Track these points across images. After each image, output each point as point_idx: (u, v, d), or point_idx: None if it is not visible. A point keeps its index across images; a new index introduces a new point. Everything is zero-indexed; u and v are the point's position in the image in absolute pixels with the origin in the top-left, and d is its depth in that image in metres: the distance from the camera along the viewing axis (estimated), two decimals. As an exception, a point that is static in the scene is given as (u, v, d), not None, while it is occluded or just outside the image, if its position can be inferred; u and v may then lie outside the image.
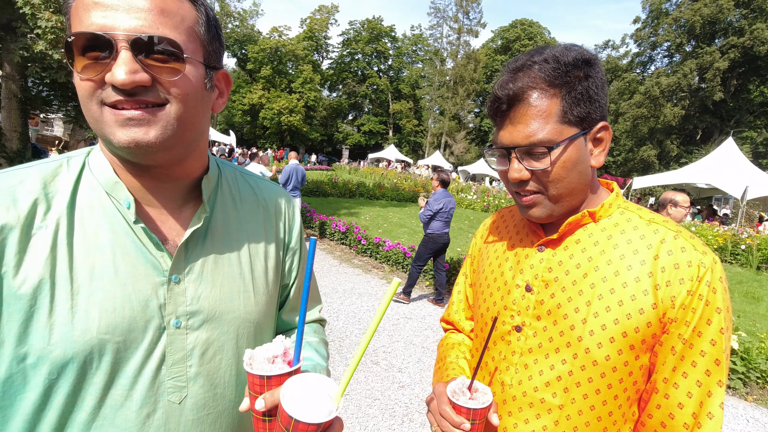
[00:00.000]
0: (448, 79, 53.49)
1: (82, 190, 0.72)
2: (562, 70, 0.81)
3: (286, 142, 48.08)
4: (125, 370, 0.69)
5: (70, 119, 13.55)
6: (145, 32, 0.62)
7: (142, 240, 0.72)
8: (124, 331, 0.68)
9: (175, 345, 0.73)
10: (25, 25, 9.38)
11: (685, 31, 38.37)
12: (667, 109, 36.90)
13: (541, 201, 0.88)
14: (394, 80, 58.78)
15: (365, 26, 56.83)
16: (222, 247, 0.82)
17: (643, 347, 0.82)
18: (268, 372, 0.67)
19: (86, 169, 0.74)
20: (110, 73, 0.62)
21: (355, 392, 3.71)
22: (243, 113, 47.96)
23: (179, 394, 0.74)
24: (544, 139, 0.81)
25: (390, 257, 7.90)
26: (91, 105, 0.65)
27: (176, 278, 0.74)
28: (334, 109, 55.96)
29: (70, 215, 0.69)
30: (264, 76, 47.54)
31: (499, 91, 0.85)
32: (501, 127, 0.88)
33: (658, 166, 37.68)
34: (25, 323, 0.63)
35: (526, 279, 0.94)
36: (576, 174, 0.86)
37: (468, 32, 54.06)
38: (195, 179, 0.82)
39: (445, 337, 1.25)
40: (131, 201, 0.71)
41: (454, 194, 20.55)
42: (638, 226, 0.88)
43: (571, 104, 0.81)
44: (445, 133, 52.57)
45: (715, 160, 16.64)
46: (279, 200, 0.98)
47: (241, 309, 0.82)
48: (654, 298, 0.80)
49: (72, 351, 0.64)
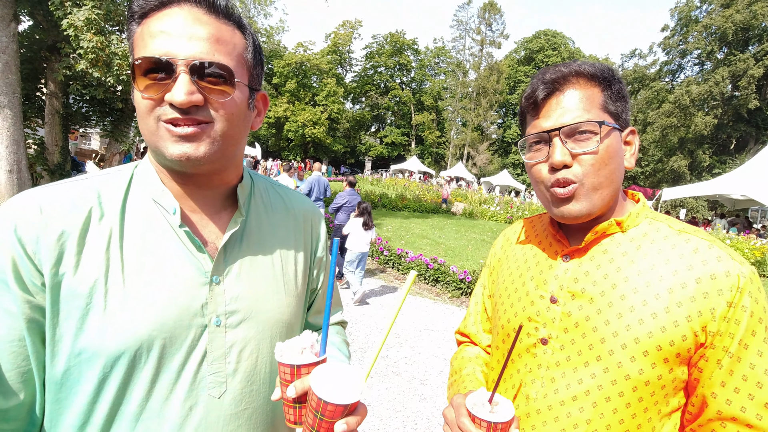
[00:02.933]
0: (470, 91, 53.44)
1: (131, 199, 0.79)
2: (600, 68, 0.87)
3: (309, 153, 48.82)
4: (170, 365, 0.74)
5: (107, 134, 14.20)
6: (203, 59, 0.71)
7: (185, 243, 0.79)
8: (171, 328, 0.74)
9: (216, 342, 0.79)
10: (68, 46, 9.96)
11: (716, 38, 37.27)
12: (698, 118, 35.75)
13: (581, 192, 0.85)
14: (416, 92, 59.03)
15: (388, 40, 57.49)
16: (256, 250, 0.88)
17: (677, 361, 0.79)
18: (298, 361, 0.72)
19: (134, 180, 0.82)
20: (170, 93, 0.69)
21: (377, 404, 3.72)
22: (268, 126, 48.98)
23: (219, 389, 0.79)
24: (592, 119, 0.84)
25: (412, 268, 7.90)
26: (149, 120, 0.72)
27: (217, 279, 0.80)
28: (357, 121, 56.53)
29: (122, 221, 0.76)
30: (289, 89, 48.59)
31: (539, 80, 0.88)
32: (538, 115, 0.89)
33: (689, 176, 36.43)
34: (82, 320, 0.69)
35: (550, 290, 0.92)
36: (615, 166, 0.86)
37: (491, 44, 54.08)
38: (231, 187, 0.89)
39: (459, 351, 1.20)
40: (177, 207, 0.78)
41: (476, 206, 20.58)
42: (668, 236, 0.86)
43: (610, 97, 0.86)
44: (467, 144, 52.36)
45: (752, 170, 15.97)
46: (307, 211, 1.05)
47: (275, 309, 0.88)
48: (688, 311, 0.78)
49: (124, 346, 0.70)
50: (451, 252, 10.18)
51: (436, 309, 6.45)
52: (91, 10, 8.75)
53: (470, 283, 7.11)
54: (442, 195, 19.37)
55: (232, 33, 0.76)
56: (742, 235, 15.62)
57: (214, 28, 0.73)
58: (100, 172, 0.82)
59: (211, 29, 0.73)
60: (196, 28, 0.71)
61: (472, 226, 15.97)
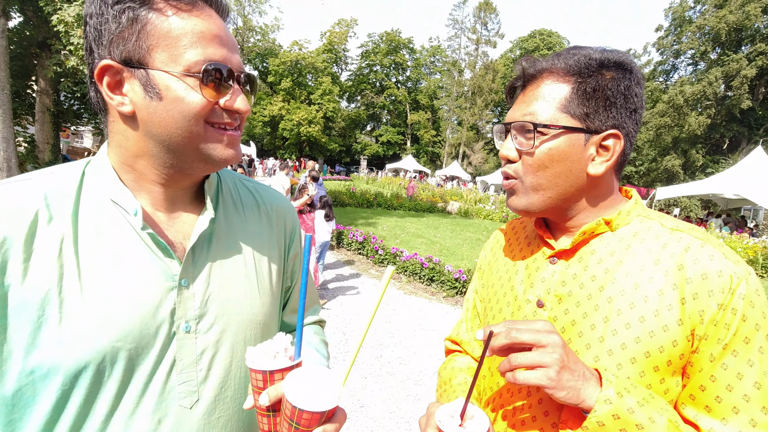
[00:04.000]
0: (466, 90, 53.51)
1: (85, 199, 0.73)
2: (584, 62, 0.79)
3: (305, 152, 48.68)
4: (137, 377, 0.70)
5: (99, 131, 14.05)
6: (242, 69, 0.75)
7: (150, 246, 0.74)
8: (136, 338, 0.69)
9: (185, 349, 0.74)
10: (59, 42, 9.84)
11: (709, 38, 37.52)
12: (691, 117, 35.98)
13: (519, 189, 0.86)
14: (412, 91, 59.02)
15: (383, 38, 57.40)
16: (227, 249, 0.84)
17: (669, 369, 0.73)
18: (270, 367, 0.68)
19: (88, 177, 0.76)
20: (231, 100, 0.73)
21: (371, 404, 3.68)
22: (263, 125, 48.82)
23: (190, 398, 0.75)
24: (537, 119, 0.80)
25: (407, 267, 7.86)
26: (198, 124, 0.71)
27: (185, 282, 0.76)
28: (352, 120, 56.44)
29: (75, 224, 0.70)
30: (284, 88, 48.38)
31: (519, 68, 0.87)
32: (510, 104, 0.88)
33: (682, 176, 36.66)
34: (34, 334, 0.63)
35: (537, 294, 0.88)
36: (562, 170, 0.81)
37: (486, 43, 54.14)
38: (198, 184, 0.85)
39: (448, 360, 1.13)
40: (138, 208, 0.73)
41: (472, 205, 20.67)
42: (660, 235, 0.81)
43: (579, 96, 0.79)
44: (463, 144, 52.42)
45: (744, 170, 16.09)
46: (279, 207, 1.01)
47: (249, 310, 0.84)
48: (680, 314, 0.72)
49: (85, 360, 0.65)
50: (446, 251, 10.16)
51: (430, 308, 6.42)
52: (82, 6, 8.62)
53: (465, 283, 7.08)
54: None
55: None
56: (735, 233, 15.73)
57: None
58: (45, 171, 0.75)
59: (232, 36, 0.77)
60: (230, 36, 0.75)
61: (468, 225, 15.97)
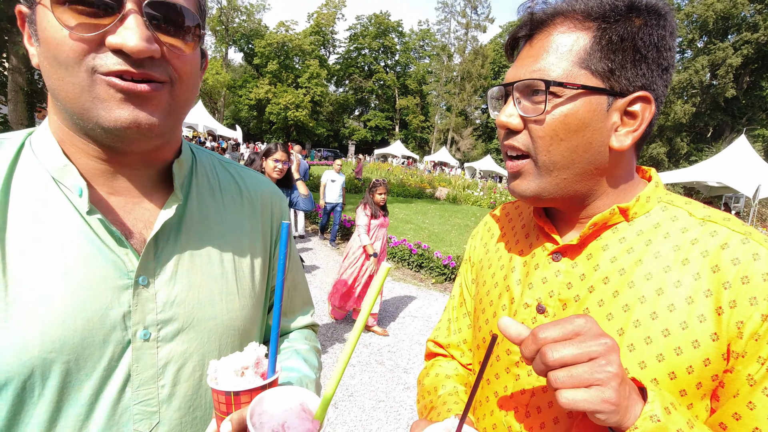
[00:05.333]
0: (455, 75, 53.20)
1: (19, 177, 0.60)
2: (608, 3, 0.63)
3: (292, 137, 47.99)
4: (78, 396, 0.57)
5: (76, 112, 13.56)
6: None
7: (99, 235, 0.61)
8: (76, 348, 0.56)
9: (143, 361, 0.62)
10: (30, 17, 9.34)
11: (697, 26, 37.71)
12: (677, 106, 36.32)
13: (529, 170, 0.69)
14: (400, 76, 58.42)
15: (372, 21, 56.42)
16: (199, 242, 0.71)
17: (698, 393, 0.60)
18: (235, 387, 0.56)
19: (26, 151, 0.62)
20: (117, 36, 0.52)
21: (360, 393, 3.61)
22: (249, 108, 47.88)
23: (149, 421, 0.62)
24: (549, 76, 0.63)
25: (396, 254, 7.78)
26: (78, 72, 0.53)
27: (144, 280, 0.63)
28: (340, 105, 55.72)
29: (3, 207, 0.57)
30: (270, 71, 47.36)
31: (524, 12, 0.69)
32: (512, 61, 0.71)
33: (667, 164, 37.18)
34: None
35: (537, 296, 0.74)
36: (581, 142, 0.65)
37: (476, 27, 53.64)
38: (165, 164, 0.70)
39: (431, 366, 0.98)
40: (83, 187, 0.59)
41: (460, 191, 20.77)
42: (688, 227, 0.66)
43: (602, 47, 0.62)
44: (451, 129, 52.27)
45: (727, 158, 16.33)
46: (265, 193, 0.87)
47: (224, 314, 0.71)
48: (715, 327, 0.58)
49: (5, 375, 0.52)
50: (434, 237, 10.11)
51: (420, 295, 6.37)
52: (54, -22, 8.17)
53: (454, 269, 7.04)
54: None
55: None
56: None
57: None
58: None
59: None
60: None
61: (456, 212, 15.95)
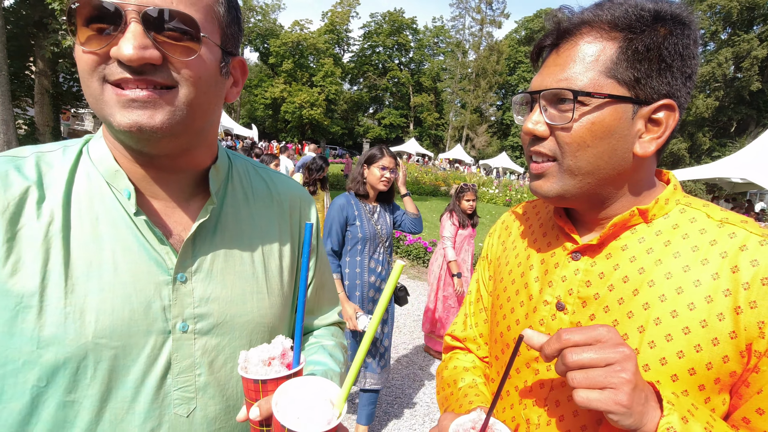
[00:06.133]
0: (470, 72, 52.75)
1: (79, 180, 0.67)
2: (634, 14, 0.65)
3: (307, 135, 48.35)
4: (125, 380, 0.63)
5: (99, 114, 13.94)
6: (159, 5, 0.57)
7: (144, 234, 0.67)
8: (124, 335, 0.63)
9: (182, 351, 0.68)
10: (55, 22, 9.64)
11: (720, 18, 36.66)
12: (699, 100, 35.41)
13: (553, 172, 0.72)
14: (415, 73, 58.21)
15: (386, 18, 56.33)
16: (233, 243, 0.77)
17: (716, 387, 0.63)
18: (263, 376, 0.61)
19: (84, 157, 0.69)
20: (116, 47, 0.56)
21: (376, 389, 3.67)
22: (265, 107, 48.40)
23: (187, 406, 0.68)
24: (576, 86, 0.67)
25: (411, 251, 7.83)
26: (92, 82, 0.59)
27: (182, 277, 0.69)
28: (354, 103, 55.85)
29: (66, 206, 0.64)
30: (286, 70, 47.75)
31: (550, 22, 0.72)
32: (537, 68, 0.74)
33: (688, 159, 36.32)
34: (10, 322, 0.58)
35: (556, 294, 0.77)
36: (606, 149, 0.68)
37: (491, 23, 53.14)
38: (203, 171, 0.77)
39: (449, 359, 1.01)
40: (131, 191, 0.66)
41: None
42: (706, 229, 0.68)
43: (628, 57, 0.65)
44: (466, 127, 51.95)
45: (752, 154, 15.83)
46: (294, 196, 0.92)
47: (255, 311, 0.77)
48: (733, 325, 0.61)
49: (63, 356, 0.59)
50: (449, 235, 10.11)
51: (434, 293, 6.39)
52: (78, -16, 8.42)
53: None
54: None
55: None
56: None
57: None
58: (43, 145, 0.69)
59: None
60: None
61: (471, 209, 15.89)
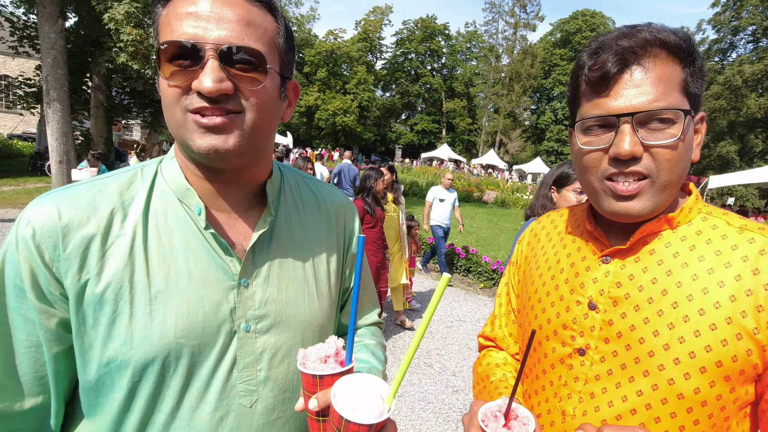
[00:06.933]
0: (503, 76, 52.03)
1: (155, 198, 0.75)
2: (683, 38, 0.73)
3: (340, 142, 49.08)
4: (200, 374, 0.72)
5: (147, 125, 14.75)
6: (232, 43, 0.65)
7: (212, 245, 0.75)
8: (199, 335, 0.71)
9: (246, 348, 0.75)
10: (110, 40, 10.34)
11: (774, 13, 34.59)
12: (750, 100, 33.40)
13: (647, 190, 0.74)
14: (447, 78, 58.04)
15: (419, 25, 56.51)
16: (286, 250, 0.84)
17: (740, 379, 0.70)
18: (320, 371, 0.67)
19: (159, 177, 0.78)
20: (197, 81, 0.64)
21: (409, 395, 3.73)
22: (299, 115, 49.52)
23: (250, 397, 0.76)
24: (674, 105, 0.70)
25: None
26: (176, 111, 0.67)
27: (245, 282, 0.76)
28: (387, 109, 56.22)
29: (145, 223, 0.72)
30: (320, 78, 48.81)
31: (611, 46, 0.73)
32: (606, 93, 0.74)
33: (738, 162, 34.25)
34: (109, 328, 0.66)
35: (588, 295, 0.83)
36: (688, 160, 0.75)
37: (525, 26, 52.31)
38: (260, 184, 0.84)
39: (483, 356, 1.09)
40: (202, 207, 0.74)
41: (509, 194, 20.27)
42: (727, 235, 0.75)
43: (691, 75, 0.73)
44: (499, 132, 51.17)
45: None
46: (340, 205, 0.99)
47: (307, 313, 0.84)
48: (755, 322, 0.68)
49: (152, 354, 0.68)
50: (482, 242, 10.04)
51: (468, 299, 6.39)
52: (130, 4, 9.01)
53: (503, 274, 6.99)
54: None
55: (263, 16, 0.71)
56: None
57: (244, 9, 0.67)
58: (122, 170, 0.78)
59: (241, 11, 0.67)
60: (225, 10, 0.66)
61: (504, 215, 15.67)
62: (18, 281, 0.65)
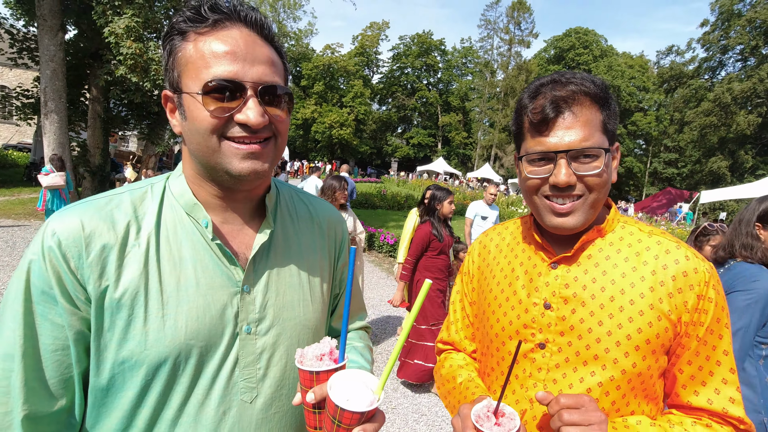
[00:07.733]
0: (498, 91, 52.73)
1: (165, 212, 0.82)
2: (600, 86, 0.91)
3: (336, 155, 49.30)
4: (205, 372, 0.78)
5: (144, 136, 14.79)
6: (266, 81, 0.75)
7: (218, 254, 0.82)
8: (206, 336, 0.78)
9: (247, 348, 0.82)
10: (109, 53, 10.43)
11: (761, 32, 35.44)
12: (740, 116, 34.05)
13: (580, 207, 0.91)
14: (443, 93, 58.71)
15: (415, 41, 57.40)
16: (283, 259, 0.91)
17: (662, 351, 0.90)
18: (316, 368, 0.74)
19: (167, 192, 0.84)
20: (242, 115, 0.73)
21: (402, 407, 3.74)
22: (296, 127, 49.78)
23: (251, 393, 0.83)
24: (597, 144, 0.89)
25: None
26: (212, 139, 0.75)
27: (247, 288, 0.83)
28: (383, 123, 56.73)
29: (157, 234, 0.79)
30: (317, 91, 49.27)
31: (548, 96, 0.90)
32: (545, 132, 0.91)
33: (729, 178, 34.76)
34: (125, 330, 0.73)
35: (543, 296, 0.97)
36: (610, 182, 0.94)
37: (519, 43, 53.27)
38: (259, 198, 0.92)
39: (444, 359, 1.22)
40: (209, 221, 0.81)
41: (503, 208, 20.28)
42: (641, 239, 0.95)
43: (609, 117, 0.92)
44: (495, 146, 51.67)
45: (799, 173, 15.10)
46: (331, 218, 1.07)
47: (302, 316, 0.91)
48: (669, 305, 0.88)
49: (165, 354, 0.74)
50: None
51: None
52: (131, 18, 9.14)
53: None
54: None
55: (277, 55, 0.81)
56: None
57: (268, 51, 0.78)
58: (135, 185, 0.86)
59: (267, 52, 0.77)
60: (257, 50, 0.76)
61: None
62: (47, 288, 0.71)
